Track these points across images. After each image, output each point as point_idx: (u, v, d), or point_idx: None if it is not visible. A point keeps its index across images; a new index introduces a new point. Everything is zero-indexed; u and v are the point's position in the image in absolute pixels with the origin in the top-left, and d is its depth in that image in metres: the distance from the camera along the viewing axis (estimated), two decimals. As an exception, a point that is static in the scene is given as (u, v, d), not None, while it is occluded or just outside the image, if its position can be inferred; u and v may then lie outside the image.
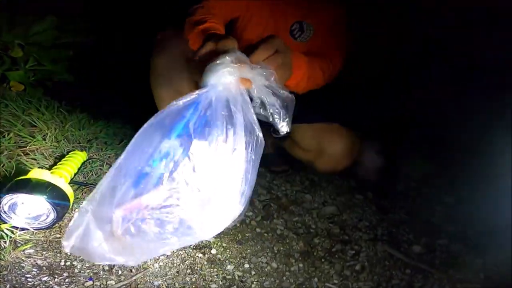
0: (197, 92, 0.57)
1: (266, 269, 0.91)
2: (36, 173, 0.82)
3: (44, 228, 0.84)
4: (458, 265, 1.00)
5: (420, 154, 1.54)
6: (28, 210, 0.81)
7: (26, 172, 0.96)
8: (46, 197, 0.78)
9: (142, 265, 0.85)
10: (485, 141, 1.35)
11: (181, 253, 0.91)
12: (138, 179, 0.57)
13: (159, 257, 0.88)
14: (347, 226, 1.12)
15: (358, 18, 1.13)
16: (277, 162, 1.35)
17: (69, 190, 0.85)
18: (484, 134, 1.39)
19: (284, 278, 0.90)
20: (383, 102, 1.61)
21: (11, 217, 0.81)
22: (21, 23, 1.47)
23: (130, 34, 1.74)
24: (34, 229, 0.83)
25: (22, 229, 0.82)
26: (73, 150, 1.15)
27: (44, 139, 1.17)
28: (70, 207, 0.88)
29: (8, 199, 0.79)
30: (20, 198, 0.79)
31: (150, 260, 0.87)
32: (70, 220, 0.91)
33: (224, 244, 0.97)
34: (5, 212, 0.80)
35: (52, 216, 0.82)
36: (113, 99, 1.60)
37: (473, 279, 0.96)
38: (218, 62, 0.56)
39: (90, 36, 1.63)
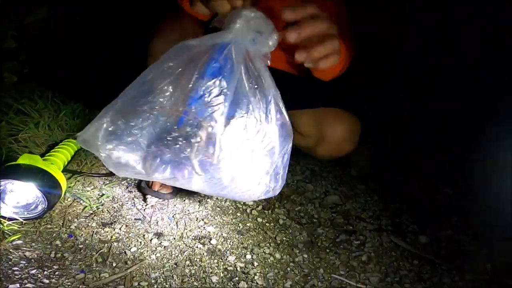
0: (219, 34, 0.52)
1: (269, 260, 0.88)
2: (26, 159, 0.77)
3: (34, 218, 0.79)
4: (464, 255, 0.97)
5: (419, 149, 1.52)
6: (17, 198, 0.77)
7: (16, 159, 0.92)
8: (36, 184, 0.73)
9: (138, 256, 0.81)
10: (484, 130, 1.33)
11: (179, 244, 0.87)
12: (180, 120, 0.53)
13: (156, 248, 0.84)
14: (351, 216, 1.09)
15: (358, 18, 1.09)
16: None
17: (61, 178, 0.80)
18: (483, 124, 1.36)
19: (289, 269, 0.86)
20: (383, 102, 1.58)
21: (-2, 206, 0.76)
22: (14, 14, 1.43)
23: (130, 34, 1.70)
24: (23, 219, 0.78)
25: (10, 219, 0.78)
26: (67, 139, 1.11)
27: (37, 127, 1.13)
28: (62, 195, 0.83)
29: (-5, 186, 0.74)
30: (8, 185, 0.75)
31: (147, 251, 0.83)
32: (62, 210, 0.88)
33: (224, 234, 0.93)
34: (-8, 200, 0.76)
35: (43, 205, 0.77)
36: (108, 92, 1.55)
37: (481, 270, 0.93)
38: (248, 10, 0.51)
39: (86, 32, 1.59)
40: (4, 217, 0.77)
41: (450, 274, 0.90)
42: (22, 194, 0.77)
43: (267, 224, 1.00)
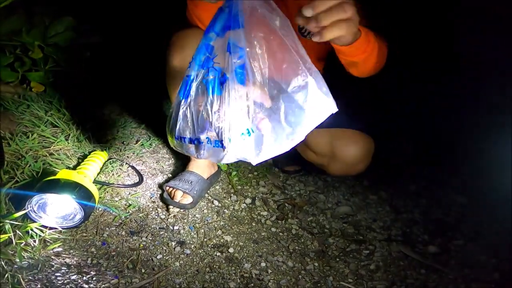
0: None
1: (282, 268, 0.94)
2: (64, 174, 0.86)
3: (72, 227, 0.88)
4: (473, 264, 1.00)
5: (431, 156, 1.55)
6: (57, 209, 0.85)
7: (52, 172, 1.00)
8: (75, 197, 0.82)
9: (164, 263, 0.89)
10: (496, 140, 1.36)
11: (200, 251, 0.94)
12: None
13: (179, 256, 0.92)
14: (361, 226, 1.14)
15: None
16: (289, 162, 1.36)
17: (95, 190, 0.88)
18: (495, 133, 1.39)
19: (300, 276, 0.92)
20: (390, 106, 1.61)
21: (40, 217, 0.85)
22: (39, 24, 1.50)
23: (142, 35, 1.78)
24: (62, 228, 0.87)
25: (50, 228, 0.86)
26: (94, 150, 1.19)
27: (67, 140, 1.21)
28: (96, 206, 0.92)
29: (38, 199, 0.83)
30: (49, 198, 0.83)
31: (171, 259, 0.90)
32: (95, 219, 0.96)
33: (240, 243, 1.00)
34: (34, 211, 0.84)
35: (80, 215, 0.86)
36: (128, 99, 1.64)
37: (488, 279, 0.97)
38: None
39: (102, 36, 1.66)
40: (45, 227, 0.85)
41: (456, 283, 0.95)
42: (62, 206, 0.85)
43: (280, 233, 1.06)
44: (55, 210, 0.85)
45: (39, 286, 0.74)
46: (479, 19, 1.45)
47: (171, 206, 1.06)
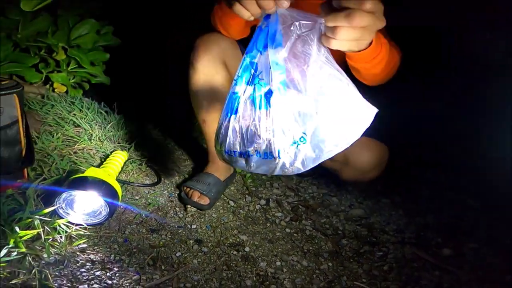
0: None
1: (297, 267, 0.96)
2: (92, 172, 0.90)
3: (97, 224, 0.92)
4: (487, 267, 1.01)
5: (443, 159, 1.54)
6: (84, 206, 0.90)
7: (78, 170, 1.05)
8: (102, 194, 0.86)
9: (183, 260, 0.92)
10: (510, 142, 1.34)
11: (217, 250, 0.98)
12: None
13: (197, 254, 0.95)
14: (375, 229, 1.15)
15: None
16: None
17: (118, 188, 0.92)
18: (509, 134, 1.37)
19: (315, 276, 0.94)
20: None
21: (68, 213, 0.89)
22: (63, 26, 1.55)
23: (160, 37, 1.82)
24: (88, 225, 0.91)
25: (77, 224, 0.90)
26: (115, 150, 1.24)
27: (90, 139, 1.26)
28: (119, 204, 0.96)
29: (67, 195, 0.87)
30: (78, 195, 0.87)
31: (189, 256, 0.94)
32: (117, 217, 1.00)
33: (256, 243, 1.02)
34: (62, 208, 0.89)
35: (105, 212, 0.90)
36: (145, 100, 1.68)
37: (501, 280, 0.97)
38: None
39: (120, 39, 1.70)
40: (71, 223, 0.90)
41: (469, 285, 0.95)
42: (89, 203, 0.90)
43: (294, 234, 1.08)
44: (82, 207, 0.89)
45: (65, 281, 0.78)
46: (480, 20, 1.44)
47: (188, 206, 1.09)
